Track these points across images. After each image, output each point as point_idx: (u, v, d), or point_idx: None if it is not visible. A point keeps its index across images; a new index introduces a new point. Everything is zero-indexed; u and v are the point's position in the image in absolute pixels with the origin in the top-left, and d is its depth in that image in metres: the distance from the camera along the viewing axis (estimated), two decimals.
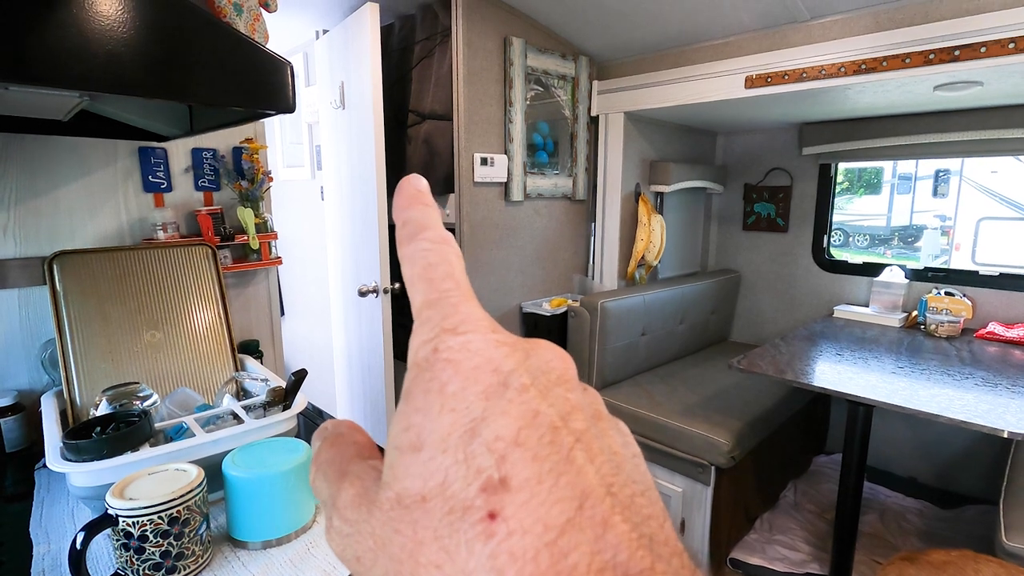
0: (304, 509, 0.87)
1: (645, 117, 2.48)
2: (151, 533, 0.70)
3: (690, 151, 2.87)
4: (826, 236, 2.71)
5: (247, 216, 1.47)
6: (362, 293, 2.03)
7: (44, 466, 1.02)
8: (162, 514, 0.70)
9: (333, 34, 2.18)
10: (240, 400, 1.09)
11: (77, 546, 0.64)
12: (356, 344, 2.31)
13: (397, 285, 2.06)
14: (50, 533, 0.87)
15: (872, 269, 2.55)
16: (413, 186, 0.21)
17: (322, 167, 2.54)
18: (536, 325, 2.32)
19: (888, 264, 2.50)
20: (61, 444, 0.84)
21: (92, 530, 0.66)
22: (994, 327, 2.14)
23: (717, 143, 3.05)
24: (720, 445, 1.82)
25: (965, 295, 2.28)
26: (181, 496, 0.72)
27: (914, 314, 2.35)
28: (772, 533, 2.10)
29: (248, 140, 1.50)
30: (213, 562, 0.79)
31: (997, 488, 1.61)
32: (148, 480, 0.75)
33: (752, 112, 2.36)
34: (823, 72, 1.77)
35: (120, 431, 0.86)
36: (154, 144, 1.34)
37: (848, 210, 8.30)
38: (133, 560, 0.70)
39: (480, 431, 0.14)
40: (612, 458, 0.15)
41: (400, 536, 0.14)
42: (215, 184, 1.47)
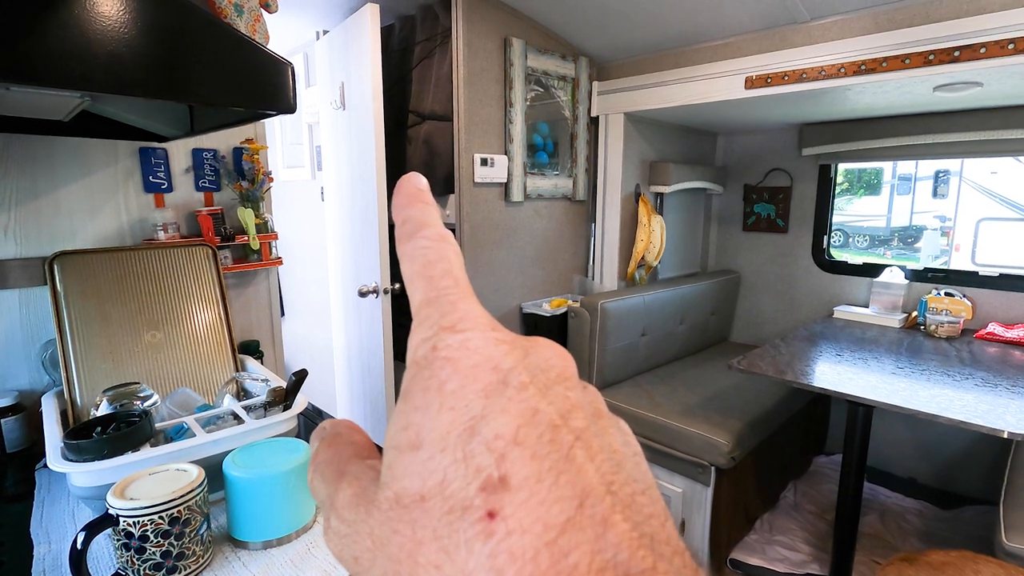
0: (304, 509, 0.87)
1: (645, 118, 2.48)
2: (152, 533, 0.70)
3: (690, 152, 2.87)
4: (826, 237, 2.71)
5: (247, 216, 1.47)
6: (362, 293, 2.03)
7: (45, 466, 1.02)
8: (163, 514, 0.70)
9: (333, 35, 2.18)
10: (240, 400, 1.09)
11: (78, 546, 0.64)
12: (356, 344, 2.31)
13: (397, 285, 2.06)
14: (51, 533, 0.87)
15: (872, 270, 2.55)
16: (413, 184, 0.21)
17: (322, 168, 2.54)
18: (536, 325, 2.32)
19: (888, 265, 2.49)
20: (62, 444, 0.84)
21: (93, 530, 0.66)
22: (994, 328, 2.14)
23: (717, 144, 3.05)
24: (720, 445, 1.82)
25: (965, 296, 2.28)
26: (182, 496, 0.72)
27: (914, 315, 2.35)
28: (772, 534, 2.10)
29: (248, 141, 1.51)
30: (214, 562, 0.79)
31: (997, 489, 1.61)
32: (149, 480, 0.75)
33: (752, 113, 2.36)
34: (823, 73, 1.77)
35: (121, 431, 0.86)
36: (155, 144, 1.35)
37: (848, 211, 8.30)
38: (134, 560, 0.70)
39: (479, 429, 0.14)
40: (612, 456, 0.15)
41: (399, 536, 0.14)
42: (216, 184, 1.47)
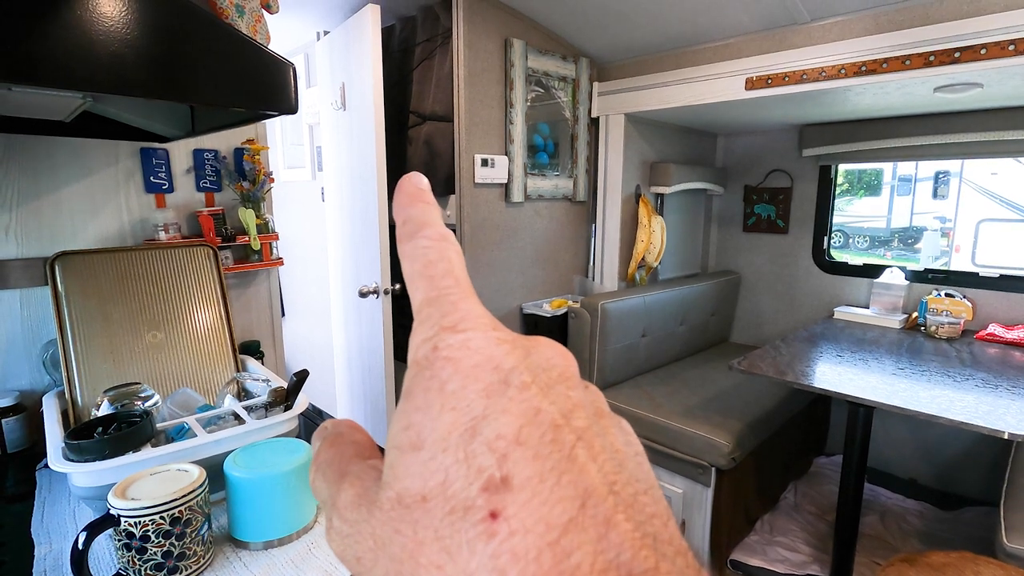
0: (305, 509, 0.87)
1: (645, 118, 2.48)
2: (153, 533, 0.70)
3: (690, 152, 2.87)
4: (826, 238, 2.71)
5: (248, 217, 1.48)
6: (363, 294, 2.04)
7: (46, 466, 1.02)
8: (164, 514, 0.70)
9: (334, 35, 2.18)
10: (241, 401, 1.09)
11: (79, 546, 0.64)
12: (356, 345, 2.32)
13: (397, 286, 2.06)
14: (52, 533, 0.87)
15: (872, 271, 2.55)
16: (414, 184, 0.21)
17: (323, 168, 2.54)
18: (536, 326, 2.32)
19: (888, 266, 2.49)
20: (63, 444, 0.84)
21: (94, 530, 0.67)
22: (994, 328, 2.14)
23: (717, 145, 3.05)
24: (720, 446, 1.82)
25: (965, 296, 2.28)
26: (183, 496, 0.72)
27: (914, 315, 2.35)
28: (772, 535, 2.10)
29: (249, 141, 1.51)
30: (214, 562, 0.79)
31: (997, 490, 1.61)
32: (150, 480, 0.75)
33: (752, 114, 2.36)
34: (823, 74, 1.77)
35: (122, 431, 0.86)
36: (156, 145, 1.35)
37: (848, 212, 8.30)
38: (135, 560, 0.70)
39: (481, 430, 0.14)
40: (614, 456, 0.15)
41: (401, 536, 0.14)
42: (216, 185, 1.47)
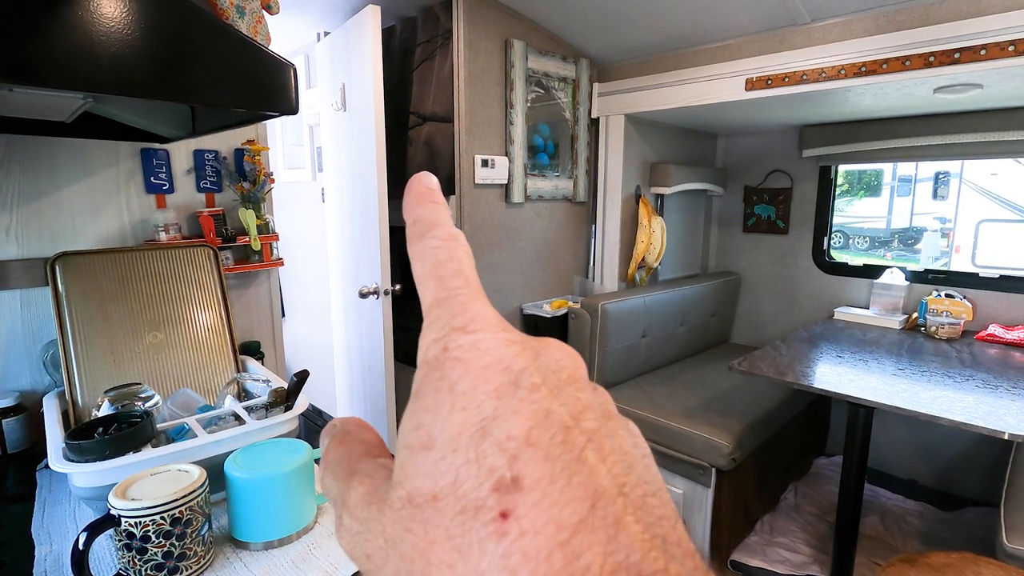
0: (306, 510, 0.87)
1: (646, 119, 2.48)
2: (153, 534, 0.70)
3: (690, 153, 2.87)
4: (826, 238, 2.71)
5: (249, 217, 1.47)
6: (363, 294, 2.04)
7: (46, 467, 1.02)
8: (164, 515, 0.70)
9: (334, 36, 2.18)
10: (242, 401, 1.09)
11: (79, 547, 0.64)
12: (356, 345, 2.31)
13: (398, 287, 2.06)
14: (52, 534, 0.87)
15: (872, 271, 2.55)
16: (423, 184, 0.21)
17: (323, 169, 2.54)
18: (537, 326, 2.33)
19: (888, 266, 2.50)
20: (63, 444, 0.84)
21: (94, 531, 0.66)
22: (994, 329, 2.14)
23: (717, 145, 3.05)
24: (721, 447, 1.82)
25: (965, 297, 2.28)
26: (183, 497, 0.72)
27: (914, 316, 2.35)
28: (773, 535, 2.10)
29: (250, 142, 1.51)
30: (215, 563, 0.79)
31: (998, 490, 1.61)
32: (150, 481, 0.75)
33: (752, 114, 2.36)
34: (823, 75, 1.77)
35: (122, 432, 0.86)
36: (156, 146, 1.35)
37: (848, 212, 8.31)
38: (135, 561, 0.70)
39: (491, 430, 0.14)
40: (623, 458, 0.15)
41: (411, 535, 0.14)
42: (217, 186, 1.47)
